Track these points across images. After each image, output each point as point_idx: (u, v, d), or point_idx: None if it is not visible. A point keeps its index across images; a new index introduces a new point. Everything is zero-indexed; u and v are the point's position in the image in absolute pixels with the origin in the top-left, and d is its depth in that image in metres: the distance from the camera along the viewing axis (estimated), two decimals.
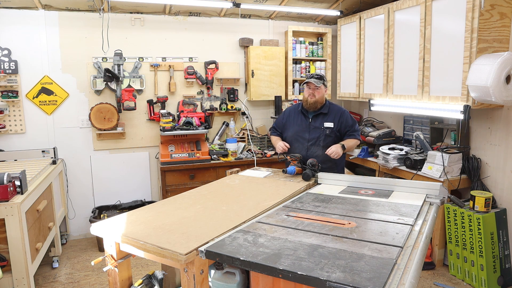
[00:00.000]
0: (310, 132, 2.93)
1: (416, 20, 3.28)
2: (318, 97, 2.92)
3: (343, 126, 2.95)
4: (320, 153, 2.85)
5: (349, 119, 2.99)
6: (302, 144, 2.93)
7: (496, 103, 2.70)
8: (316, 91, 2.91)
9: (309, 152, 2.89)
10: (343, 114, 2.97)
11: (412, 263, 1.25)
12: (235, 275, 1.53)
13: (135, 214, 1.83)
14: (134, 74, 4.03)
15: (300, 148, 2.93)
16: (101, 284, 3.08)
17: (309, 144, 2.91)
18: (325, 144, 2.88)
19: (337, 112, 2.97)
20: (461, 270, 3.05)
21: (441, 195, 1.96)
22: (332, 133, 2.91)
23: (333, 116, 2.95)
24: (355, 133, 2.97)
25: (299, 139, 2.95)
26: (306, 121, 2.97)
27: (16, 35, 3.65)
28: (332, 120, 2.93)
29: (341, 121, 2.94)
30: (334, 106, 3.02)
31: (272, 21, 4.55)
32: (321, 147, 2.89)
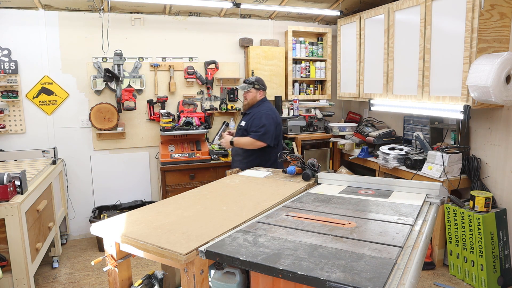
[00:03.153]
0: (238, 128, 3.36)
1: (416, 20, 3.28)
2: (249, 100, 3.27)
3: (249, 126, 3.19)
4: (236, 148, 3.29)
5: (257, 121, 3.15)
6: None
7: (496, 103, 2.70)
8: (247, 95, 3.27)
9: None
10: (255, 116, 3.19)
11: (412, 263, 1.25)
12: (235, 275, 1.53)
13: (135, 214, 1.82)
14: (134, 74, 4.03)
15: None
16: (101, 284, 3.08)
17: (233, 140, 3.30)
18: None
19: (253, 113, 3.22)
20: (461, 270, 3.05)
21: (441, 195, 1.96)
22: (242, 131, 3.24)
23: (249, 117, 3.23)
24: (254, 134, 3.13)
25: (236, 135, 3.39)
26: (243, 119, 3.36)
27: (16, 35, 3.66)
28: (247, 120, 3.24)
29: (251, 121, 3.19)
30: (259, 108, 3.24)
31: (272, 21, 4.55)
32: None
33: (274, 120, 3.18)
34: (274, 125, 3.17)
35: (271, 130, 3.13)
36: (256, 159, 3.15)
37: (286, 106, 4.49)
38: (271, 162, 3.17)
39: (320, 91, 4.81)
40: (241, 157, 3.23)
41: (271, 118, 3.17)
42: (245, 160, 3.20)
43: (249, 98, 3.27)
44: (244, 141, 3.15)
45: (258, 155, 3.16)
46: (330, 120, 4.79)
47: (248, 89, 3.24)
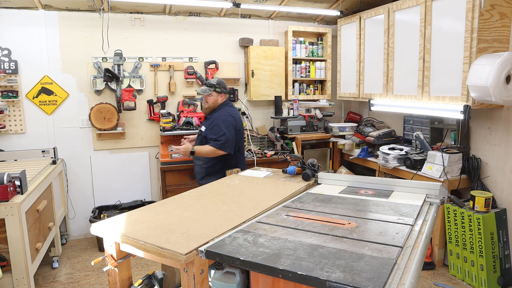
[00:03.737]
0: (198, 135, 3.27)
1: (416, 20, 3.28)
2: (210, 104, 3.15)
3: (209, 132, 3.07)
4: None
5: (216, 128, 3.03)
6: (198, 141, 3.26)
7: (496, 103, 2.70)
8: (208, 98, 3.14)
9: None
10: (215, 121, 3.07)
11: (412, 263, 1.25)
12: (235, 275, 1.53)
13: (135, 214, 1.82)
14: (134, 74, 4.03)
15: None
16: (101, 284, 3.08)
17: (193, 144, 3.20)
18: (197, 144, 3.17)
19: (214, 118, 3.10)
20: (461, 270, 3.05)
21: (441, 195, 1.96)
22: (200, 137, 3.14)
23: (210, 121, 3.12)
24: (214, 142, 3.00)
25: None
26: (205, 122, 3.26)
27: (16, 35, 3.65)
28: (207, 125, 3.13)
29: (210, 127, 3.08)
30: (220, 112, 3.13)
31: (272, 21, 4.55)
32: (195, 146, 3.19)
33: (233, 127, 3.07)
34: (234, 131, 3.08)
35: (231, 138, 3.03)
36: (217, 164, 3.08)
37: (286, 106, 4.49)
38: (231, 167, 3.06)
39: (320, 91, 4.81)
40: (202, 161, 3.14)
41: (230, 125, 3.05)
42: (205, 165, 3.13)
43: (210, 102, 3.13)
44: (205, 150, 3.01)
45: (219, 159, 3.08)
46: (330, 120, 4.79)
47: (209, 93, 3.10)
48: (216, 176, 3.05)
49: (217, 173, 3.08)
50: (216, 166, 3.09)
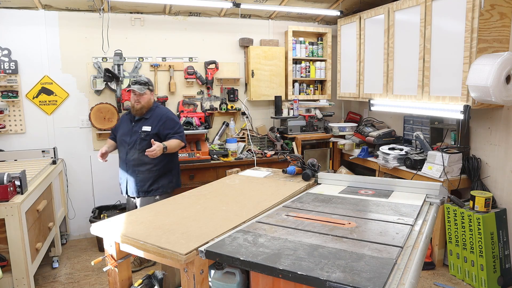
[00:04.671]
0: (131, 135, 2.99)
1: (416, 20, 3.28)
2: (144, 103, 2.98)
3: (162, 129, 2.97)
4: (136, 156, 2.96)
5: (170, 122, 3.01)
6: (124, 147, 3.03)
7: (496, 103, 2.70)
8: (141, 98, 2.96)
9: (128, 155, 2.99)
10: (163, 118, 3.00)
11: (412, 263, 1.25)
12: (235, 275, 1.53)
13: (135, 214, 1.83)
14: (134, 74, 4.03)
15: (122, 151, 3.06)
16: (101, 284, 3.08)
17: (128, 148, 2.99)
18: (141, 148, 2.93)
19: (158, 116, 3.01)
20: (461, 270, 3.05)
21: (441, 195, 1.96)
22: (148, 137, 2.92)
23: (153, 120, 2.99)
24: (177, 135, 2.98)
25: (122, 143, 3.04)
26: (130, 125, 3.04)
27: (16, 35, 3.65)
28: (151, 124, 2.98)
29: (160, 124, 2.98)
30: (159, 110, 3.07)
31: (272, 21, 4.55)
32: (137, 150, 2.96)
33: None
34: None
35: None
36: (167, 163, 3.02)
37: (286, 106, 4.49)
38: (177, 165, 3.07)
39: (320, 91, 4.81)
40: (150, 165, 2.95)
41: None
42: (156, 167, 2.97)
43: (144, 101, 2.98)
44: (174, 143, 2.94)
45: (168, 158, 3.00)
46: (330, 120, 4.79)
47: (144, 91, 2.96)
48: (168, 176, 3.05)
49: (169, 172, 3.06)
50: (166, 165, 3.02)
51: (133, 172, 2.99)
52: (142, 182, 2.99)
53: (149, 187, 3.00)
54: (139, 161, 2.95)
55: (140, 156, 2.93)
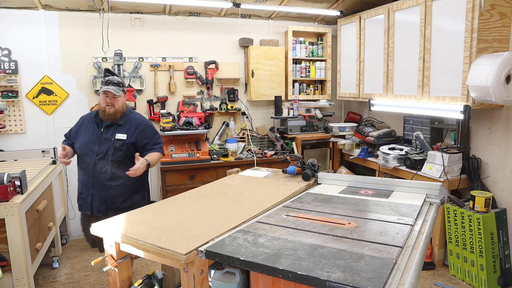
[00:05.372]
0: (101, 144, 2.54)
1: (416, 20, 3.28)
2: (118, 107, 2.57)
3: (139, 138, 2.61)
4: (109, 169, 2.51)
5: (149, 130, 2.67)
6: (90, 158, 2.55)
7: (496, 103, 2.70)
8: (116, 101, 2.55)
9: (97, 167, 2.53)
10: (140, 125, 2.63)
11: (412, 263, 1.25)
12: (235, 275, 1.53)
13: (135, 214, 1.83)
14: (134, 74, 4.03)
15: (88, 162, 2.56)
16: (101, 284, 3.08)
17: (97, 158, 2.52)
18: (114, 159, 2.52)
19: (135, 122, 2.64)
20: (461, 270, 3.05)
21: (441, 195, 1.96)
22: (124, 146, 2.55)
23: (128, 127, 2.60)
24: (157, 146, 2.66)
25: (88, 152, 2.56)
26: (98, 131, 2.59)
27: (16, 35, 3.65)
28: (126, 131, 2.58)
29: (137, 132, 2.60)
30: (133, 115, 2.70)
31: (272, 21, 4.55)
32: (109, 161, 2.53)
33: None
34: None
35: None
36: (141, 178, 2.60)
37: (286, 106, 4.49)
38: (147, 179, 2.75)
39: (320, 91, 4.81)
40: (124, 179, 2.51)
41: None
42: (130, 181, 2.56)
43: (119, 105, 2.57)
44: (156, 157, 2.62)
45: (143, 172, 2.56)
46: (330, 120, 4.79)
47: (118, 94, 2.55)
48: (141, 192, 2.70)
49: (142, 187, 2.72)
50: (140, 180, 2.64)
51: (102, 186, 2.54)
52: (113, 198, 2.54)
53: (121, 204, 2.56)
54: (112, 174, 2.52)
55: (113, 169, 2.50)
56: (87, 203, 2.57)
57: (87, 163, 2.56)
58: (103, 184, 2.53)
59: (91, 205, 2.57)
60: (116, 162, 2.51)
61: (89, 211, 2.57)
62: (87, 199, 2.57)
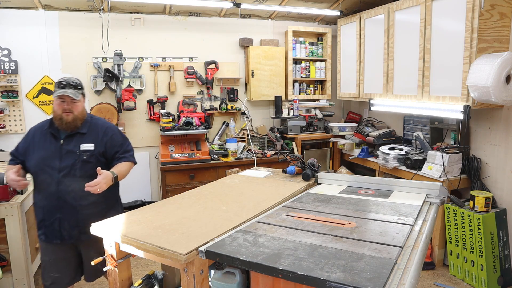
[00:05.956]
0: (62, 158, 2.11)
1: (416, 20, 3.28)
2: (78, 113, 2.16)
3: (109, 146, 2.23)
4: (77, 187, 2.07)
5: (118, 137, 2.31)
6: (51, 176, 2.09)
7: (496, 103, 2.70)
8: (74, 106, 2.14)
9: (62, 186, 2.08)
10: (107, 131, 2.27)
11: (412, 263, 1.25)
12: (235, 275, 1.53)
13: (135, 214, 1.82)
14: (134, 74, 4.03)
15: (48, 181, 2.10)
16: (101, 284, 3.08)
17: (60, 176, 2.09)
18: (84, 174, 2.10)
19: (101, 129, 2.26)
20: (461, 270, 3.05)
21: (441, 195, 1.96)
22: (93, 158, 2.17)
23: (94, 135, 2.22)
24: (127, 154, 2.29)
25: (47, 170, 2.10)
26: (57, 143, 2.15)
27: (16, 35, 3.66)
28: (92, 140, 2.20)
29: (106, 140, 2.23)
30: (96, 121, 2.30)
31: (272, 21, 4.55)
32: (77, 177, 2.10)
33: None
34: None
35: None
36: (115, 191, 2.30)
37: (286, 106, 4.50)
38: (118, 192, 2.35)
39: (320, 91, 4.81)
40: (97, 196, 2.06)
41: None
42: (103, 198, 2.15)
43: (78, 111, 2.16)
44: (126, 168, 2.24)
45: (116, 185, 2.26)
46: (330, 120, 4.79)
47: (78, 98, 2.14)
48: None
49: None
50: (115, 194, 2.30)
51: (72, 208, 2.11)
52: (86, 220, 1.98)
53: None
54: (82, 192, 2.02)
55: (82, 185, 2.00)
56: (53, 231, 2.12)
57: (48, 183, 2.10)
58: (72, 206, 2.11)
59: (59, 232, 2.12)
60: (86, 177, 2.06)
61: (59, 239, 2.12)
62: (53, 226, 2.12)
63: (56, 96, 2.11)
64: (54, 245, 2.16)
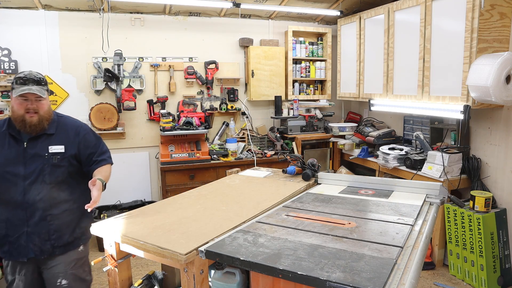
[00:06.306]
0: (27, 163, 1.85)
1: (416, 20, 3.28)
2: (43, 113, 1.86)
3: (82, 148, 1.97)
4: (47, 195, 1.85)
5: (91, 136, 2.04)
6: (14, 185, 1.83)
7: (496, 103, 2.70)
8: (40, 105, 1.85)
9: (28, 195, 1.82)
10: (79, 131, 2.00)
11: (412, 263, 1.25)
12: (235, 275, 1.53)
13: (135, 214, 1.82)
14: (134, 74, 4.03)
15: (11, 191, 1.83)
16: (101, 284, 3.08)
17: (26, 183, 1.83)
18: (54, 180, 1.88)
19: (71, 128, 1.99)
20: (461, 270, 3.05)
21: (441, 195, 1.96)
22: (64, 161, 1.91)
23: (64, 135, 1.95)
24: (105, 156, 2.06)
25: (7, 177, 1.83)
26: (18, 147, 1.86)
27: (16, 35, 3.66)
28: (62, 141, 1.93)
29: (78, 140, 1.97)
30: (65, 120, 2.02)
31: (272, 21, 4.55)
32: (47, 184, 1.85)
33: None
34: None
35: None
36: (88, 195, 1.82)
37: (286, 106, 4.50)
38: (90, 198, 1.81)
39: (320, 91, 4.81)
40: (69, 202, 1.93)
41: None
42: (75, 205, 1.95)
43: (43, 110, 1.86)
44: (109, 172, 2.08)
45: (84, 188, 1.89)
46: (330, 120, 4.79)
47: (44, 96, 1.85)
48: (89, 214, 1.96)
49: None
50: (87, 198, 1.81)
51: (41, 220, 1.85)
52: (59, 231, 1.88)
53: (71, 236, 1.95)
54: (52, 200, 1.87)
55: (53, 193, 1.86)
56: (20, 247, 1.85)
57: (10, 193, 1.83)
58: (41, 217, 1.85)
59: (27, 248, 1.85)
60: (56, 183, 1.87)
61: (25, 257, 1.87)
62: (20, 242, 1.84)
63: (17, 95, 1.79)
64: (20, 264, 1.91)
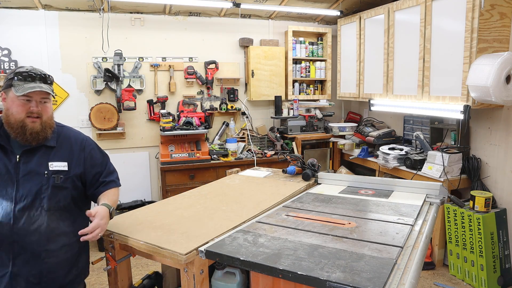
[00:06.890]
0: (20, 183, 1.47)
1: (416, 20, 3.28)
2: (47, 118, 1.54)
3: (88, 166, 1.63)
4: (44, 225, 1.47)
5: (96, 153, 1.71)
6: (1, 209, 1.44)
7: (496, 103, 2.70)
8: (44, 108, 1.53)
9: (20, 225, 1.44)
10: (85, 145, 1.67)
11: (412, 263, 1.25)
12: (235, 275, 1.53)
13: (135, 214, 1.82)
14: (134, 74, 4.03)
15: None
16: (101, 284, 3.08)
17: (17, 209, 1.44)
18: (54, 206, 1.51)
19: (75, 142, 1.65)
20: (461, 270, 3.05)
21: (441, 195, 1.96)
22: (68, 182, 1.56)
23: (67, 150, 1.60)
24: (113, 177, 1.72)
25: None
26: (9, 160, 1.48)
27: (16, 35, 3.65)
28: (65, 157, 1.58)
29: (84, 157, 1.63)
30: (67, 131, 1.69)
31: (272, 21, 4.55)
32: (44, 211, 1.48)
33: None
34: None
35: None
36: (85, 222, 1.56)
37: (286, 106, 4.50)
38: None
39: (320, 91, 4.81)
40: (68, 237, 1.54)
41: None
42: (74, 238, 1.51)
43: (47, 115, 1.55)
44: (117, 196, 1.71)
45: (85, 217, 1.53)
46: (330, 120, 4.79)
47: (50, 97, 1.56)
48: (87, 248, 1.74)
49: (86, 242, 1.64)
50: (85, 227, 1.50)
51: (34, 257, 1.47)
52: (52, 273, 1.51)
53: (66, 277, 1.58)
54: (50, 233, 1.49)
55: (51, 222, 1.49)
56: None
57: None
58: (34, 253, 1.46)
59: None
60: (57, 210, 1.52)
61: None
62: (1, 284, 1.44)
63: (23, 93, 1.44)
64: None
